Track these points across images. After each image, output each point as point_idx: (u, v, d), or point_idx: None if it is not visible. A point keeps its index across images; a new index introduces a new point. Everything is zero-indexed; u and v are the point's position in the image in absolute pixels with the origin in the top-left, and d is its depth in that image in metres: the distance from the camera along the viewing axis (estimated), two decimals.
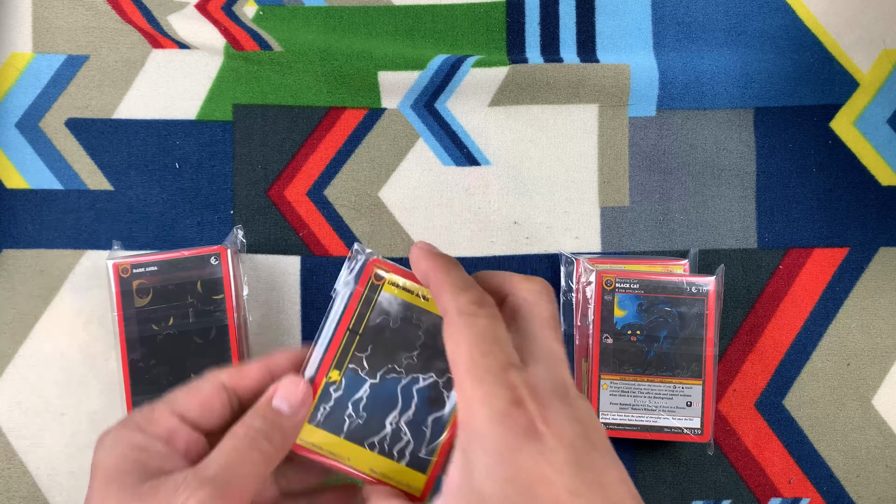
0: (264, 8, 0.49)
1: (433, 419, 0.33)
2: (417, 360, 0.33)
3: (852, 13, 0.49)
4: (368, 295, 0.33)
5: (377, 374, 0.33)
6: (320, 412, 0.33)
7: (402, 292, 0.34)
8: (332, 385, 0.33)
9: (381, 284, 0.34)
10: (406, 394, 0.33)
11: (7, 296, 0.47)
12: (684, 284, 0.44)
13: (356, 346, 0.33)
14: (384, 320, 0.33)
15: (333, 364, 0.33)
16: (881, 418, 0.46)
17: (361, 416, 0.33)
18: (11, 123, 0.48)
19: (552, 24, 0.49)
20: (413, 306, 0.34)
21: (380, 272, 0.34)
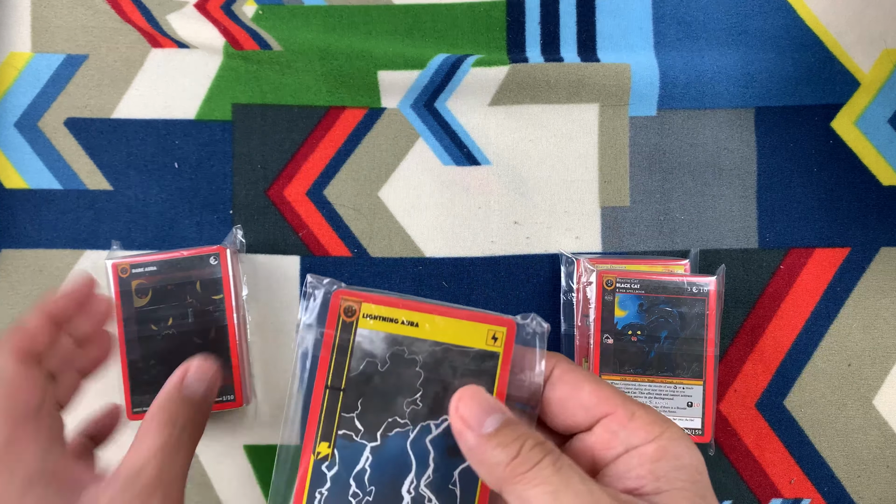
0: (264, 7, 0.49)
1: (460, 473, 0.26)
2: (423, 404, 0.27)
3: (853, 13, 0.49)
4: (342, 337, 0.27)
5: (377, 434, 0.27)
6: (317, 500, 0.26)
7: (383, 324, 0.27)
8: (322, 462, 0.26)
9: (355, 320, 0.27)
10: (419, 450, 0.26)
11: (6, 295, 0.47)
12: (685, 284, 0.44)
13: (342, 406, 0.26)
14: (369, 365, 0.27)
15: (318, 436, 0.26)
16: (882, 419, 0.46)
17: (369, 491, 0.26)
18: (10, 123, 0.48)
19: (552, 23, 0.49)
20: (401, 338, 0.27)
21: (349, 305, 0.27)
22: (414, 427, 0.27)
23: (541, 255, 0.48)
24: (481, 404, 0.25)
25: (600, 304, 0.44)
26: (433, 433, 0.27)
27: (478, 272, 0.47)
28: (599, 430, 0.26)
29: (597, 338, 0.44)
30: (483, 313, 0.27)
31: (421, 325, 0.27)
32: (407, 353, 0.27)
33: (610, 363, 0.44)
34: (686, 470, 0.25)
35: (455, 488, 0.26)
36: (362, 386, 0.27)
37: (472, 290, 0.47)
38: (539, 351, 0.27)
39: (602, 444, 0.26)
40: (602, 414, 0.26)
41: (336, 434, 0.26)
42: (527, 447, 0.24)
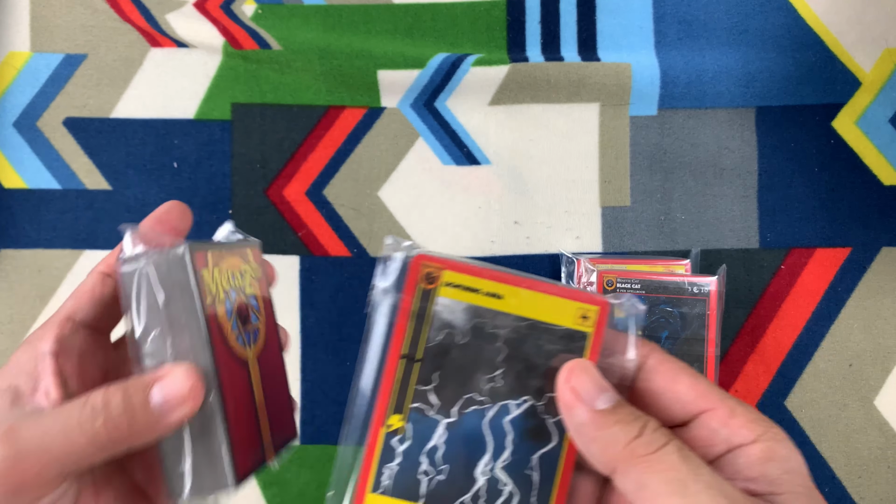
0: (263, 6, 0.49)
1: (540, 457, 0.25)
2: (503, 382, 0.25)
3: (854, 12, 0.49)
4: (421, 305, 0.25)
5: (452, 409, 0.25)
6: (385, 475, 0.25)
7: (465, 293, 0.25)
8: (394, 436, 0.25)
9: (435, 288, 0.25)
10: (496, 430, 0.25)
11: (5, 296, 0.47)
12: (686, 284, 0.43)
13: (417, 378, 0.25)
14: (448, 336, 0.25)
15: (391, 407, 0.25)
16: (883, 419, 0.46)
17: (442, 469, 0.25)
18: (9, 123, 0.48)
19: (553, 22, 0.49)
20: (484, 310, 0.25)
21: (430, 271, 0.25)
22: (493, 406, 0.25)
23: (541, 255, 0.47)
24: (594, 379, 0.24)
25: None
26: (512, 413, 0.25)
27: None
28: (696, 427, 0.24)
29: None
30: (573, 290, 0.25)
31: (505, 298, 0.25)
32: (489, 326, 0.25)
33: None
34: (797, 474, 0.23)
35: (532, 473, 0.25)
36: (440, 358, 0.25)
37: None
38: (631, 336, 0.25)
39: (701, 441, 0.24)
40: (700, 409, 0.24)
41: (409, 407, 0.25)
42: (650, 428, 0.23)
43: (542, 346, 0.25)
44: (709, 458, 0.24)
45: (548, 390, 0.25)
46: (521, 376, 0.25)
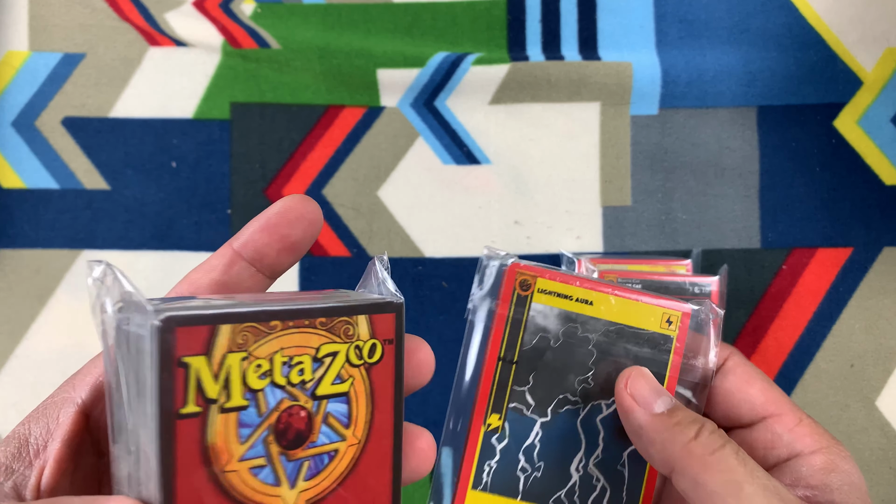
0: (262, 5, 0.49)
1: (629, 454, 0.26)
2: (594, 383, 0.27)
3: (856, 11, 0.49)
4: (516, 311, 0.26)
5: (548, 409, 0.26)
6: (486, 472, 0.26)
7: (557, 300, 0.27)
8: (493, 434, 0.26)
9: (530, 294, 0.27)
10: (589, 428, 0.26)
11: (3, 296, 0.47)
12: (687, 285, 0.43)
13: (513, 379, 0.26)
14: (542, 340, 0.27)
15: (490, 407, 0.26)
16: (885, 420, 0.46)
17: (538, 466, 0.26)
18: (7, 122, 0.48)
19: (553, 21, 0.49)
20: (575, 315, 0.27)
21: (525, 279, 0.27)
22: (585, 406, 0.27)
23: (542, 255, 0.47)
24: (650, 384, 0.25)
25: None
26: (604, 413, 0.27)
27: None
28: (761, 430, 0.25)
29: None
30: (659, 296, 0.27)
31: (595, 304, 0.27)
32: (580, 330, 0.27)
33: None
34: (857, 489, 0.23)
35: (623, 469, 0.26)
36: (535, 361, 0.27)
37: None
38: (713, 338, 0.27)
39: (763, 444, 0.25)
40: (768, 413, 0.25)
41: (507, 407, 0.26)
42: (707, 430, 0.23)
43: (630, 348, 0.27)
44: (770, 461, 0.25)
45: None
46: (611, 377, 0.26)
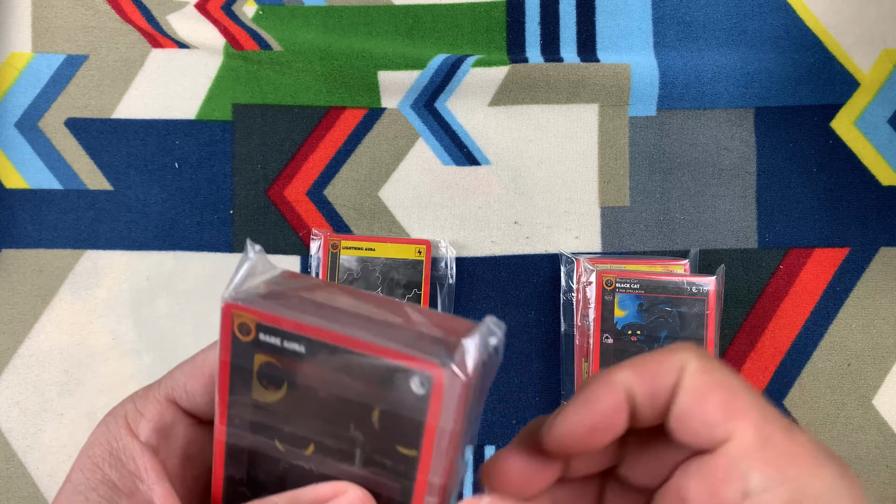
0: (264, 7, 0.49)
1: None
2: None
3: (853, 13, 0.49)
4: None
5: None
6: None
7: None
8: None
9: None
10: None
11: (6, 295, 0.47)
12: (685, 284, 0.44)
13: None
14: None
15: None
16: (882, 419, 0.46)
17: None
18: (11, 123, 0.48)
19: (552, 23, 0.49)
20: None
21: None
22: None
23: (541, 255, 0.48)
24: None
25: (600, 303, 0.44)
26: None
27: (478, 272, 0.47)
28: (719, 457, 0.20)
29: (596, 337, 0.44)
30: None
31: None
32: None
33: (609, 363, 0.44)
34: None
35: None
36: None
37: (473, 290, 0.47)
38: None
39: (719, 477, 0.20)
40: (727, 435, 0.19)
41: None
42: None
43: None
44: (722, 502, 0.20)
45: None
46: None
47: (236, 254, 0.47)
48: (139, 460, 0.21)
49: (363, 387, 0.20)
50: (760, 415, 0.20)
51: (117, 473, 0.21)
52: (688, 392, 0.20)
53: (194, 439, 0.23)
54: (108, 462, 0.21)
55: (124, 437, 0.22)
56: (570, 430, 0.21)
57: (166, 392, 0.23)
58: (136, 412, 0.22)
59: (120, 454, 0.21)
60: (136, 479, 0.21)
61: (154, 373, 0.46)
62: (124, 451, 0.21)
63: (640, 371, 0.21)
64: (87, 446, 0.22)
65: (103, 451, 0.22)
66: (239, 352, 0.21)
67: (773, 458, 0.19)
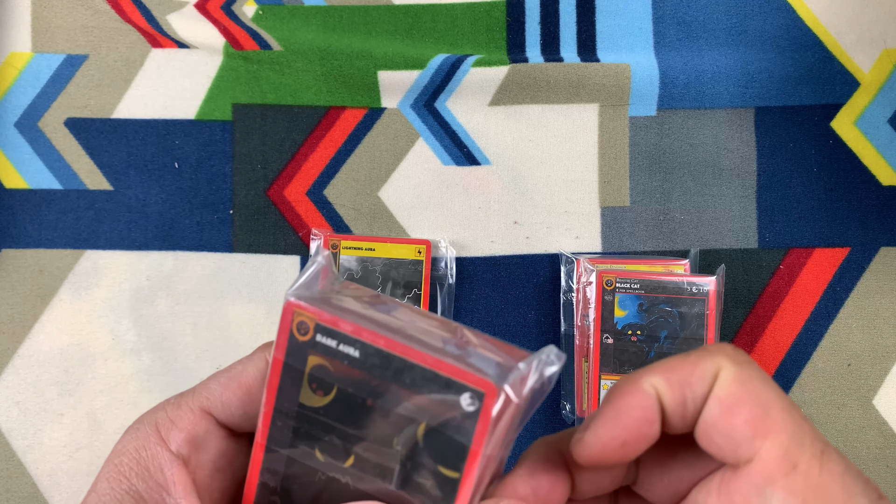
0: (264, 7, 0.49)
1: None
2: None
3: (853, 13, 0.49)
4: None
5: None
6: None
7: None
8: None
9: None
10: None
11: (6, 295, 0.47)
12: (685, 284, 0.44)
13: None
14: None
15: None
16: (882, 419, 0.46)
17: None
18: (10, 123, 0.48)
19: (552, 23, 0.49)
20: None
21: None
22: None
23: (541, 255, 0.48)
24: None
25: (600, 303, 0.44)
26: None
27: (478, 272, 0.47)
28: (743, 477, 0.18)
29: (597, 338, 0.44)
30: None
31: None
32: None
33: (609, 363, 0.44)
34: None
35: None
36: None
37: (473, 290, 0.47)
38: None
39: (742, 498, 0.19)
40: (752, 454, 0.18)
41: None
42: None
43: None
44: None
45: None
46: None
47: (236, 254, 0.47)
48: (168, 472, 0.21)
49: (413, 399, 0.20)
50: (791, 436, 0.18)
51: (144, 485, 0.21)
52: (718, 402, 0.19)
53: (225, 452, 0.23)
54: (136, 472, 0.21)
55: (153, 446, 0.21)
56: (602, 444, 0.19)
57: (201, 402, 0.22)
58: (168, 421, 0.22)
59: (148, 464, 0.21)
60: (163, 492, 0.21)
61: (154, 373, 0.46)
62: (153, 460, 0.21)
63: (671, 377, 0.19)
64: (115, 454, 0.22)
65: (131, 460, 0.21)
66: (294, 351, 0.21)
67: (800, 487, 0.18)
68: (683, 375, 0.19)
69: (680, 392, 0.19)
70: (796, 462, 0.18)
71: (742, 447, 0.18)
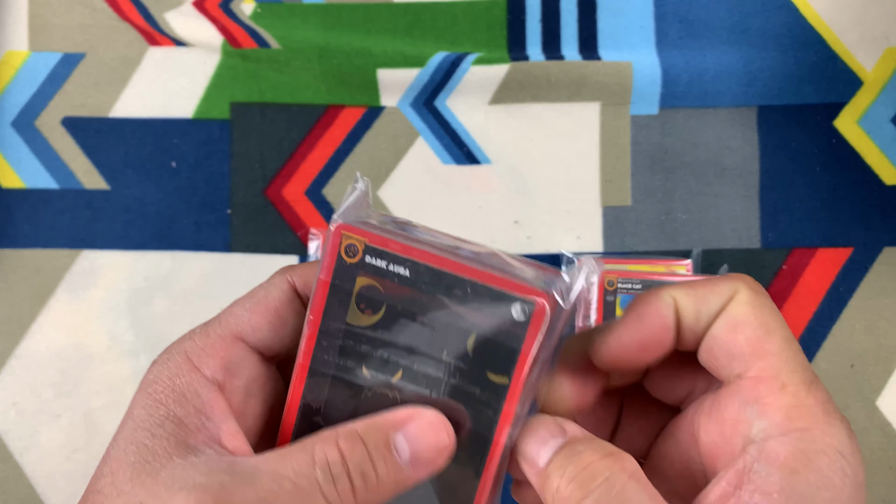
0: (262, 5, 0.49)
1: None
2: None
3: (856, 11, 0.49)
4: None
5: None
6: None
7: None
8: None
9: None
10: None
11: (2, 296, 0.47)
12: None
13: None
14: None
15: None
16: (885, 420, 0.46)
17: None
18: (7, 122, 0.48)
19: (553, 21, 0.49)
20: None
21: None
22: None
23: (542, 254, 0.47)
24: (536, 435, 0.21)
25: (602, 304, 0.44)
26: None
27: None
28: (733, 395, 0.19)
29: None
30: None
31: None
32: None
33: None
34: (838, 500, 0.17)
35: None
36: None
37: None
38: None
39: (730, 417, 0.19)
40: (745, 372, 0.19)
41: None
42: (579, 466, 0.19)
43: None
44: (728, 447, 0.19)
45: None
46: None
47: (234, 254, 0.47)
48: (205, 397, 0.21)
49: (463, 312, 0.21)
50: (785, 361, 0.19)
51: (182, 410, 0.21)
52: (727, 318, 0.20)
53: (257, 377, 0.23)
54: (172, 398, 0.21)
55: (187, 373, 0.21)
56: (621, 347, 0.21)
57: (230, 328, 0.22)
58: (199, 349, 0.22)
59: (184, 390, 0.21)
60: (202, 416, 0.21)
61: None
62: (188, 387, 0.21)
63: (691, 293, 0.21)
64: (147, 384, 0.21)
65: (165, 387, 0.21)
66: (342, 273, 0.21)
67: (785, 405, 0.18)
68: (702, 293, 0.21)
69: (696, 306, 0.21)
70: (786, 383, 0.19)
71: (737, 361, 0.19)
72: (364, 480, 0.20)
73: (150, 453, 0.20)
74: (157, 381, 0.21)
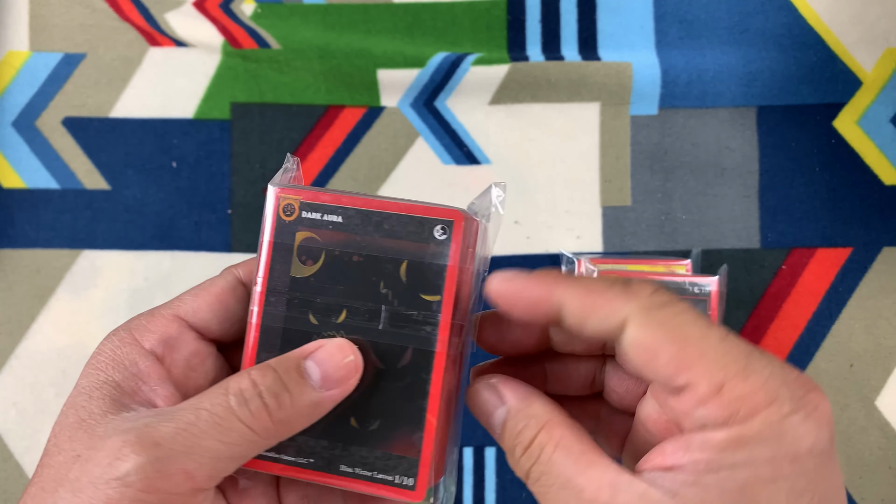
0: (262, 6, 0.49)
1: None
2: None
3: (856, 11, 0.49)
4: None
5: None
6: None
7: None
8: None
9: None
10: None
11: (3, 296, 0.47)
12: (686, 285, 0.43)
13: None
14: None
15: None
16: (885, 420, 0.46)
17: None
18: (8, 122, 0.48)
19: (553, 21, 0.49)
20: None
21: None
22: None
23: (541, 254, 0.47)
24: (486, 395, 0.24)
25: None
26: None
27: None
28: (677, 402, 0.21)
29: None
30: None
31: None
32: None
33: None
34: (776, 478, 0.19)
35: None
36: None
37: None
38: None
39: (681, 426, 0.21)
40: (683, 384, 0.20)
41: None
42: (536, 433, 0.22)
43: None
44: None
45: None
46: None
47: (234, 254, 0.47)
48: (142, 365, 0.23)
49: (393, 244, 0.24)
50: (713, 361, 0.20)
51: (120, 375, 0.23)
52: (635, 350, 0.21)
53: (198, 351, 0.24)
54: (112, 366, 0.23)
55: (128, 345, 0.23)
56: (501, 289, 0.23)
57: (173, 310, 0.24)
58: (142, 325, 0.24)
59: (123, 359, 0.23)
60: (139, 381, 0.23)
61: None
62: (127, 356, 0.23)
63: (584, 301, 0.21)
64: (91, 357, 0.24)
65: (107, 358, 0.23)
66: (282, 230, 0.24)
67: (727, 402, 0.19)
68: (591, 308, 0.21)
69: (579, 320, 0.22)
70: (722, 383, 0.20)
71: (672, 381, 0.20)
72: (278, 402, 0.22)
73: (87, 413, 0.22)
74: (100, 353, 0.23)
